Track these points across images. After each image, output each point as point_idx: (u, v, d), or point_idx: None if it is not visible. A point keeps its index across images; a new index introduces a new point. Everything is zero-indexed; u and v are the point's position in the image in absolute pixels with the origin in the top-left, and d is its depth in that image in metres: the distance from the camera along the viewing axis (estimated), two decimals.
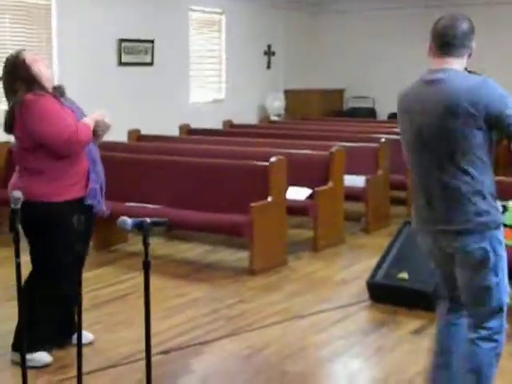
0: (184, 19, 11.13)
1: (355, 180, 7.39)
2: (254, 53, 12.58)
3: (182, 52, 11.09)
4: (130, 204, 6.52)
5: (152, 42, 10.44)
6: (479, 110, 2.88)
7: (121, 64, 10.07)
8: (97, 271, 5.99)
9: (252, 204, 5.92)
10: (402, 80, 3.20)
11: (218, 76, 12.02)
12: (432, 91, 3.01)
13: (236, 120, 10.84)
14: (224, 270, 6.17)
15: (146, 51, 10.42)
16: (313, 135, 8.87)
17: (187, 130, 9.75)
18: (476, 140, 2.93)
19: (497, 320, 3.09)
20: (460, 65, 3.06)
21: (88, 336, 4.42)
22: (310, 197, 6.75)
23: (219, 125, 10.62)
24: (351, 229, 7.43)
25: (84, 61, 9.42)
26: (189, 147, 7.75)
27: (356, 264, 6.33)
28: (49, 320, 4.19)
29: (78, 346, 3.23)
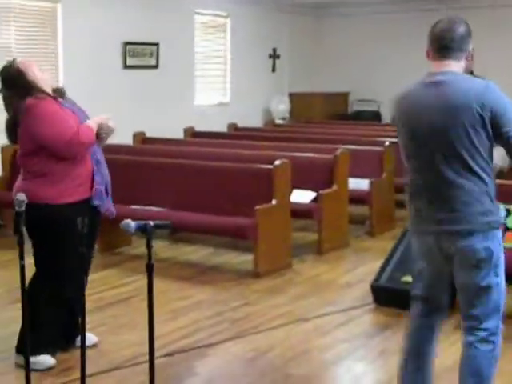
0: (189, 22, 11.13)
1: (360, 183, 7.39)
2: (259, 56, 12.57)
3: (187, 55, 11.10)
4: (135, 207, 6.53)
5: (157, 45, 10.45)
6: (486, 113, 2.91)
7: (126, 67, 10.09)
8: (101, 273, 6.00)
9: (256, 207, 5.92)
10: (407, 83, 3.18)
11: (223, 79, 12.02)
12: (437, 93, 3.00)
13: (241, 123, 10.84)
14: (228, 273, 6.17)
15: (151, 54, 10.44)
16: (317, 138, 8.86)
17: (192, 133, 9.76)
18: (483, 141, 2.96)
19: (494, 321, 3.09)
20: (458, 68, 3.07)
21: (92, 338, 4.42)
22: (315, 200, 6.75)
23: (224, 128, 10.63)
24: (355, 232, 7.43)
25: (89, 64, 9.44)
26: (193, 150, 7.76)
27: (360, 267, 6.32)
28: (52, 322, 4.18)
29: (82, 349, 3.23)
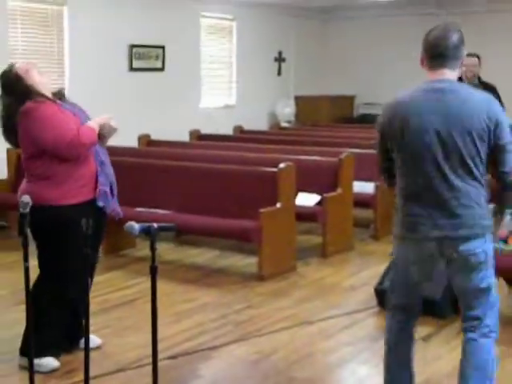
0: (195, 25, 11.17)
1: (364, 186, 7.38)
2: (265, 59, 12.59)
3: (193, 58, 11.12)
4: (140, 209, 6.54)
5: (163, 48, 10.48)
6: (491, 124, 2.99)
7: (132, 69, 10.12)
8: (106, 275, 6.00)
9: (261, 210, 5.93)
10: (413, 86, 3.17)
11: (229, 82, 12.04)
12: (438, 100, 3.02)
13: (246, 126, 10.85)
14: (233, 276, 6.18)
15: (157, 57, 10.46)
16: (323, 141, 8.86)
17: (197, 136, 9.77)
18: (485, 150, 3.03)
19: (493, 318, 3.17)
20: (453, 76, 3.11)
21: (96, 340, 4.43)
22: (319, 203, 6.75)
23: (230, 130, 10.64)
24: (360, 235, 7.42)
25: (95, 66, 9.47)
26: (199, 153, 7.75)
27: (365, 270, 6.32)
28: (55, 324, 4.19)
29: (86, 351, 3.24)
